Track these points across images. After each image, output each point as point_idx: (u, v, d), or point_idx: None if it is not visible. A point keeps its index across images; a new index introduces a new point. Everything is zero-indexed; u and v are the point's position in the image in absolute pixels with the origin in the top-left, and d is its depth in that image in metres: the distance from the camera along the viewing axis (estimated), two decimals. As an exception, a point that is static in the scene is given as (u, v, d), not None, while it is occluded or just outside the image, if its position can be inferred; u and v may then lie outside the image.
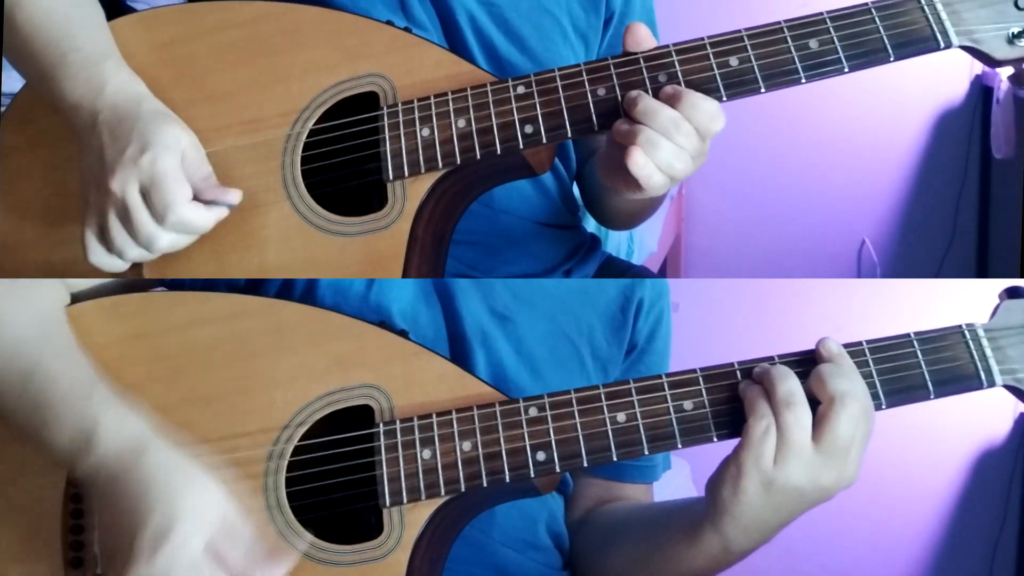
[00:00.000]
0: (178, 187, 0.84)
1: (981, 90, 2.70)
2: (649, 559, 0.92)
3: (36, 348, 0.85)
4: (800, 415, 0.79)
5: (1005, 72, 0.90)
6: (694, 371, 0.84)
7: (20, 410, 0.83)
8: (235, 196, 0.87)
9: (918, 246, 2.82)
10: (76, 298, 0.91)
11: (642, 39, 0.86)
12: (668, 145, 0.82)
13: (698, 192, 2.92)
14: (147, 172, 0.83)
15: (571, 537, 1.05)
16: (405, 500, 0.83)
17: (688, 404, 0.83)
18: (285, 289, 0.93)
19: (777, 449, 0.79)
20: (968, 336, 0.83)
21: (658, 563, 0.91)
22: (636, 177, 0.83)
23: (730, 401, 0.83)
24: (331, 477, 0.83)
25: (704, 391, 0.83)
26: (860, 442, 0.80)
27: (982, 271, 2.77)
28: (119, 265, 0.87)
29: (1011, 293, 0.85)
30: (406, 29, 0.92)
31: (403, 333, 0.88)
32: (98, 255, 0.86)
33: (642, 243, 2.12)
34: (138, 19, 0.94)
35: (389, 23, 0.91)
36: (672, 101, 0.83)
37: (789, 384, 0.79)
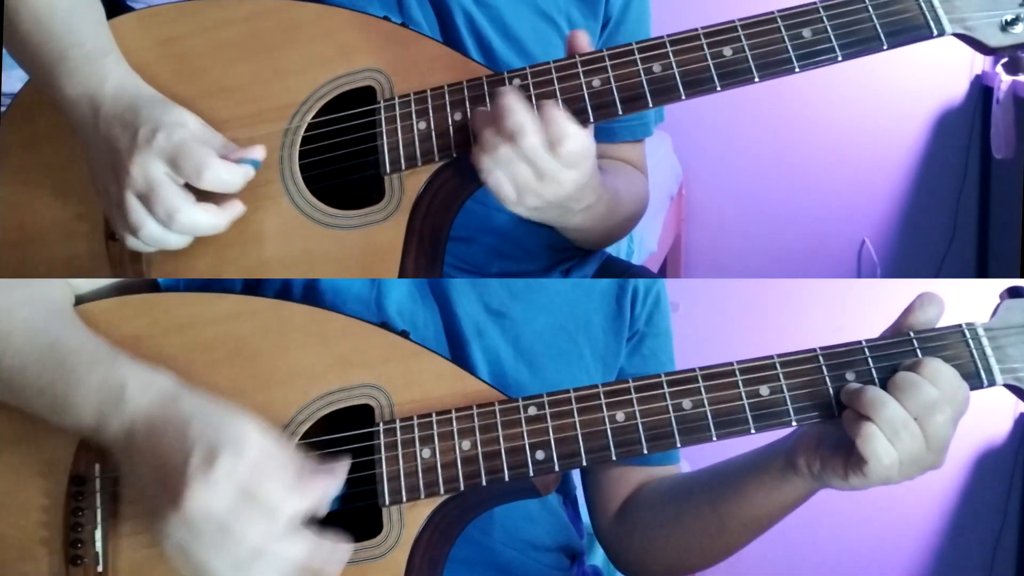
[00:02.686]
0: (203, 149, 0.84)
1: (981, 90, 2.70)
2: (727, 511, 0.92)
3: (51, 326, 0.86)
4: (912, 434, 0.78)
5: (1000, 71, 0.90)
6: (693, 371, 0.84)
7: (42, 384, 0.83)
8: (259, 152, 0.87)
9: (918, 246, 2.82)
10: (78, 299, 0.91)
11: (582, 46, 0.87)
12: (504, 148, 0.83)
13: (698, 192, 2.92)
14: (166, 147, 0.84)
15: (616, 530, 1.04)
16: (404, 499, 0.83)
17: (687, 403, 0.83)
18: (284, 290, 0.93)
19: (900, 470, 0.79)
20: (968, 335, 0.83)
21: (738, 517, 0.92)
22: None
23: (729, 400, 0.83)
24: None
25: (703, 390, 0.83)
26: (953, 430, 0.80)
27: (982, 271, 2.77)
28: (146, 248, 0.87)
29: (1012, 293, 0.85)
30: (402, 24, 0.92)
31: (404, 334, 0.88)
32: (132, 242, 0.87)
33: (642, 243, 2.13)
34: (137, 17, 0.95)
35: (386, 19, 0.92)
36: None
37: (892, 410, 0.79)
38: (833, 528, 2.17)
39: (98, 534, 0.83)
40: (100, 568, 0.83)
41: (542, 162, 0.83)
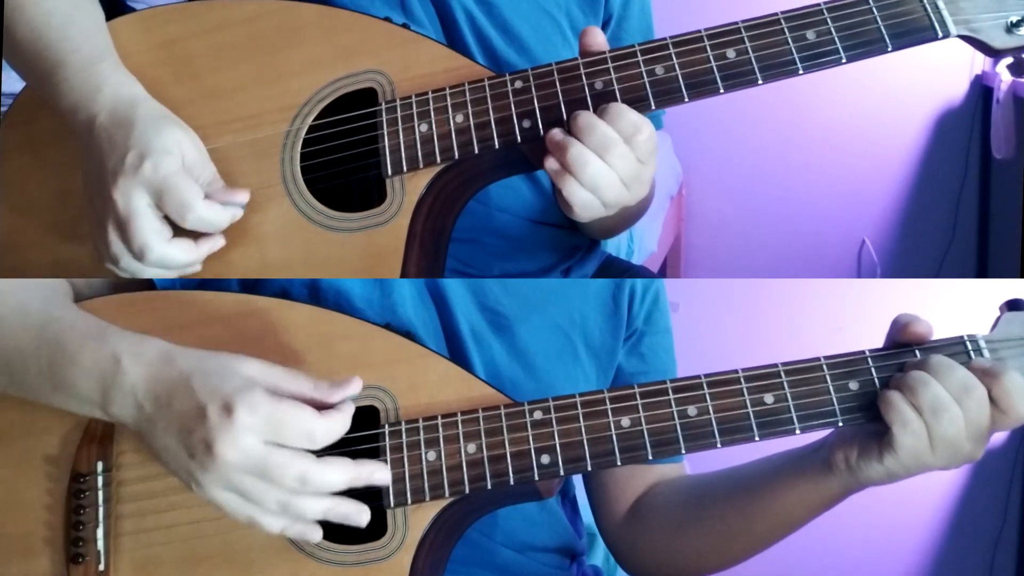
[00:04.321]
0: (190, 187, 0.84)
1: (981, 90, 2.71)
2: (755, 513, 0.92)
3: (42, 310, 0.86)
4: (952, 417, 0.79)
5: (1003, 64, 0.90)
6: (698, 378, 0.84)
7: (38, 365, 0.83)
8: (244, 196, 0.87)
9: (918, 246, 2.83)
10: (76, 298, 0.91)
11: (596, 43, 0.87)
12: (596, 163, 0.83)
13: (698, 192, 2.92)
14: (152, 178, 0.83)
15: (627, 531, 1.03)
16: (409, 501, 0.83)
17: (692, 410, 0.83)
18: (285, 291, 0.93)
19: (933, 448, 0.80)
20: (970, 347, 0.83)
21: (767, 518, 0.91)
22: (564, 196, 0.84)
23: (733, 408, 0.83)
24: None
25: (708, 397, 0.83)
26: (988, 420, 0.80)
27: (982, 271, 2.78)
28: (128, 276, 0.87)
29: (1011, 305, 0.85)
30: (404, 25, 0.92)
31: (408, 335, 0.88)
32: (109, 266, 0.87)
33: (642, 243, 2.12)
34: (137, 19, 0.95)
35: (387, 20, 0.92)
36: (599, 115, 0.84)
37: (933, 390, 0.79)
38: (833, 528, 2.16)
39: (99, 532, 0.83)
40: (101, 567, 0.83)
41: (631, 167, 0.84)
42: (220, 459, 0.74)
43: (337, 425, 0.78)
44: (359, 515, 0.79)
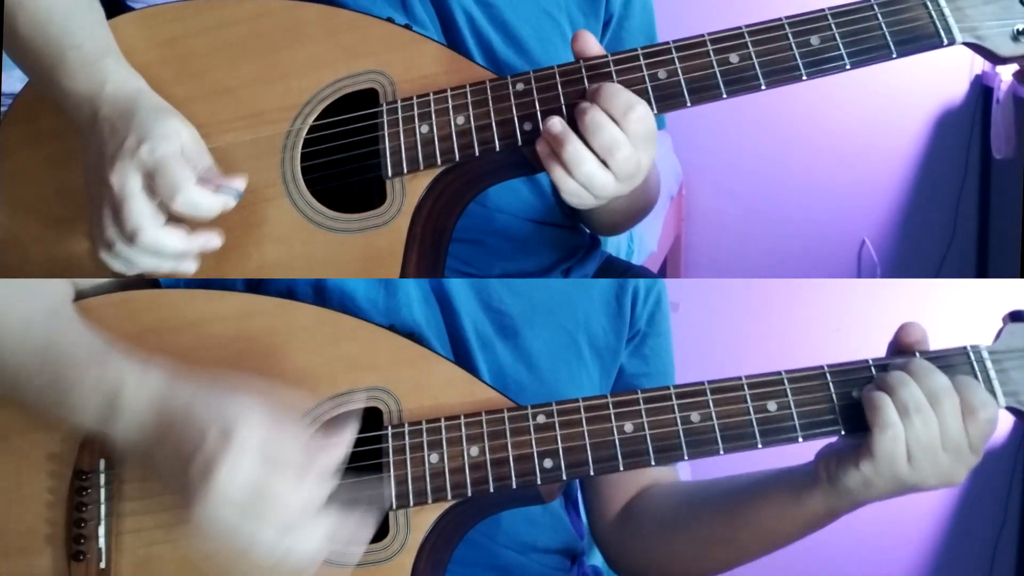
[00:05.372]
0: (182, 170, 0.83)
1: (981, 90, 2.71)
2: (740, 522, 0.92)
3: (45, 326, 0.85)
4: (926, 419, 0.79)
5: (1008, 70, 0.89)
6: (702, 383, 0.84)
7: (40, 384, 0.83)
8: (240, 182, 0.86)
9: (918, 246, 2.82)
10: (78, 297, 0.91)
11: (589, 46, 0.87)
12: (591, 163, 0.82)
13: (698, 192, 2.92)
14: (147, 161, 0.83)
15: (617, 533, 1.04)
16: (411, 503, 0.83)
17: (695, 416, 0.83)
18: (290, 291, 0.93)
19: (909, 454, 0.80)
20: (973, 358, 0.83)
21: (752, 528, 0.92)
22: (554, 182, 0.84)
23: (737, 415, 0.83)
24: (339, 478, 0.83)
25: (711, 403, 0.83)
26: (962, 431, 0.80)
27: (982, 271, 2.78)
28: (122, 267, 0.86)
29: (1014, 317, 0.85)
30: (406, 26, 0.92)
31: (412, 336, 0.88)
32: (103, 254, 0.86)
33: (642, 243, 2.12)
34: (138, 17, 0.94)
35: (389, 20, 0.92)
36: (591, 96, 0.83)
37: (910, 390, 0.80)
38: (833, 527, 2.16)
39: (101, 530, 0.84)
40: (103, 564, 0.83)
41: (631, 167, 0.83)
42: (217, 483, 0.73)
43: (332, 458, 0.77)
44: (356, 543, 0.78)
